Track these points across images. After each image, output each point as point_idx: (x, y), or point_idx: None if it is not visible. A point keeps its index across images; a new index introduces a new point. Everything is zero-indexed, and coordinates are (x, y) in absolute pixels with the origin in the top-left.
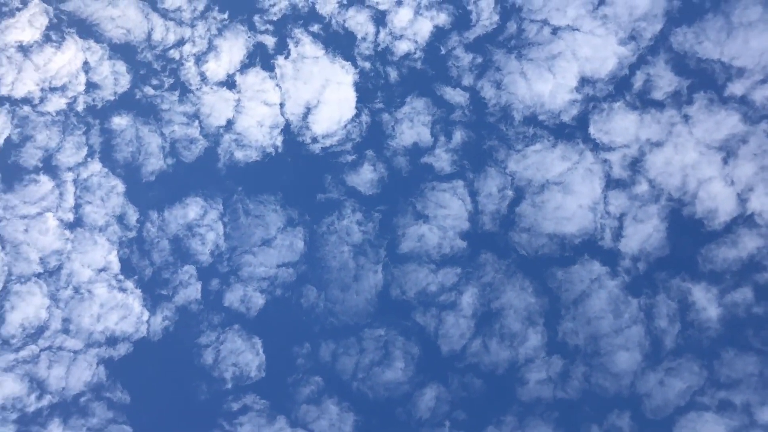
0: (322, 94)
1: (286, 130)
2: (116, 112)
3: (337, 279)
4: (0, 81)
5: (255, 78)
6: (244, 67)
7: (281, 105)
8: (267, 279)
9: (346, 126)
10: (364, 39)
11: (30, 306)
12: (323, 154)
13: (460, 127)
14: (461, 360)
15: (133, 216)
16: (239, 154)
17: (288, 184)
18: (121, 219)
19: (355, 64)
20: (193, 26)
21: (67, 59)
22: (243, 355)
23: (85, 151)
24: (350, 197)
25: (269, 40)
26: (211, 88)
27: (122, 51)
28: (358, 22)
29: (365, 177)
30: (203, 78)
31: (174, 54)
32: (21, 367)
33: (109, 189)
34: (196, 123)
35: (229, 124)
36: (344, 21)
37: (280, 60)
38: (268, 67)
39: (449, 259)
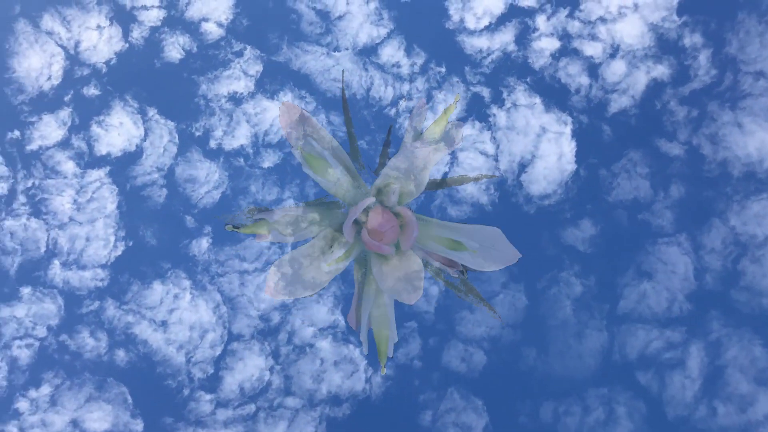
0: (538, 146)
1: (500, 185)
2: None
3: (557, 339)
4: (212, 133)
5: (469, 130)
6: (460, 120)
7: (496, 158)
8: (487, 339)
9: (565, 183)
10: (577, 92)
11: (249, 367)
12: (539, 213)
13: (677, 180)
14: (687, 422)
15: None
16: (452, 211)
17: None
18: (344, 274)
19: (571, 115)
20: (411, 81)
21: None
22: (465, 415)
23: (302, 204)
24: (567, 254)
25: (484, 91)
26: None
27: (337, 104)
28: (570, 74)
29: (583, 234)
30: (418, 133)
31: (389, 111)
32: (238, 425)
33: None
34: (411, 177)
35: (444, 177)
36: (556, 72)
37: (493, 109)
38: (482, 118)
39: (674, 318)
